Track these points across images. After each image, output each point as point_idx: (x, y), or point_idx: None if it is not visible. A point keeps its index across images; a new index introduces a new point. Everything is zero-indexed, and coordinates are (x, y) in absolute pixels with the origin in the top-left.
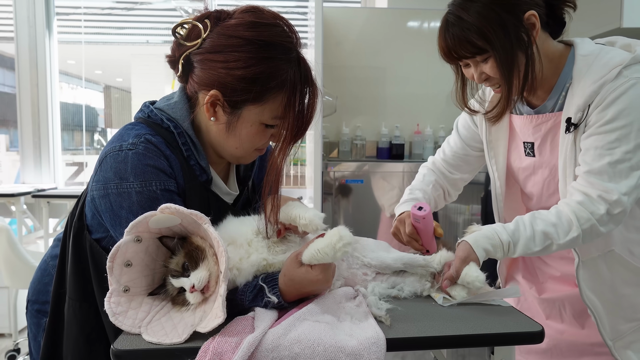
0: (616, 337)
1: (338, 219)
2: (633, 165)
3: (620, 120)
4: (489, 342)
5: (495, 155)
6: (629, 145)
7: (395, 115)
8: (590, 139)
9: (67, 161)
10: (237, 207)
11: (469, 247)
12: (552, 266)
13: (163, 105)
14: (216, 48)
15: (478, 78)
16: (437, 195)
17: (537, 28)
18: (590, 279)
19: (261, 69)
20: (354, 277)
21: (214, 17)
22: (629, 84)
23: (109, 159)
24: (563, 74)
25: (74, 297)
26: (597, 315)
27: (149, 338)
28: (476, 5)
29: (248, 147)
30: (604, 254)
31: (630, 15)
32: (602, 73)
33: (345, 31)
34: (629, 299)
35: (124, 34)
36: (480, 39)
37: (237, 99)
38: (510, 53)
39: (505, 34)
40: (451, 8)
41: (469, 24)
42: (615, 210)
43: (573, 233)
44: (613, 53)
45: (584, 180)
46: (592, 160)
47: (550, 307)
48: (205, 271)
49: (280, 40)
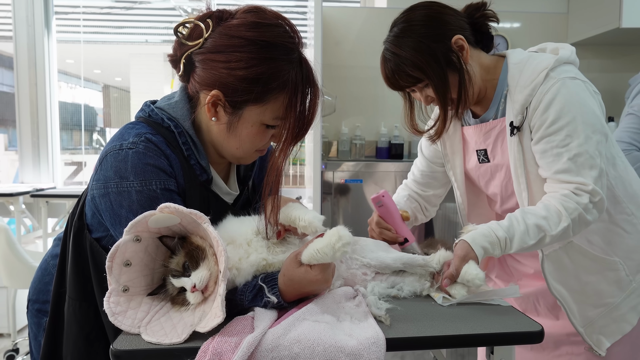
0: (586, 324)
1: (337, 218)
2: (591, 155)
3: (563, 119)
4: (489, 342)
5: (452, 167)
6: (579, 139)
7: (395, 115)
8: (542, 142)
9: (66, 161)
10: (237, 207)
11: (468, 245)
12: (525, 264)
13: (164, 105)
14: (218, 48)
15: (425, 100)
16: (414, 207)
17: (466, 49)
18: (555, 271)
19: (263, 70)
20: (354, 277)
21: (216, 17)
22: (559, 84)
23: (109, 158)
24: (499, 82)
25: (73, 296)
26: (566, 305)
27: (149, 338)
28: (408, 40)
29: (249, 148)
30: (565, 245)
31: (629, 15)
32: (532, 77)
33: (344, 31)
34: (593, 285)
35: (123, 33)
36: (415, 70)
37: (239, 99)
38: (443, 78)
39: (437, 62)
40: (387, 45)
41: (403, 58)
42: (596, 198)
43: (563, 223)
44: (540, 58)
45: (554, 180)
46: (553, 161)
47: (526, 302)
48: (206, 271)
49: (282, 40)
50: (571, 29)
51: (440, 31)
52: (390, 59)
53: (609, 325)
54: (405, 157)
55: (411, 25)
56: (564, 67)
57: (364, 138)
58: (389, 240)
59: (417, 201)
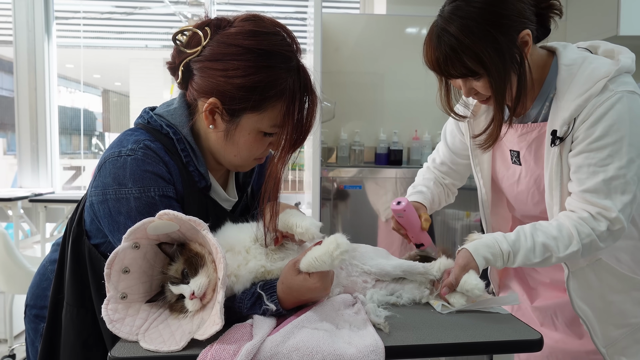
0: (609, 344)
1: (336, 224)
2: (628, 181)
3: (610, 137)
4: (488, 350)
5: (480, 163)
6: (621, 161)
7: (394, 121)
8: (581, 156)
9: (65, 165)
10: (236, 214)
11: (469, 254)
12: (541, 273)
13: (163, 112)
14: (216, 56)
15: (467, 92)
16: (439, 192)
17: (529, 46)
18: (580, 288)
19: (260, 78)
20: (354, 285)
21: (214, 25)
22: (615, 98)
23: (107, 165)
24: (546, 83)
25: (71, 302)
26: (588, 323)
27: (147, 345)
28: (468, 22)
29: (246, 156)
30: (592, 263)
31: (627, 23)
32: (587, 86)
33: (344, 37)
34: (618, 305)
35: (122, 38)
36: (474, 62)
37: (236, 107)
38: (503, 75)
39: (501, 57)
40: (440, 21)
41: (462, 44)
42: (615, 227)
43: (573, 247)
44: (597, 63)
45: (580, 198)
46: (587, 178)
47: (543, 315)
48: (204, 278)
49: (279, 49)
50: (569, 37)
51: (509, 21)
52: (445, 40)
53: (632, 346)
54: (404, 163)
55: (477, 3)
56: (624, 77)
57: (363, 144)
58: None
59: (441, 185)
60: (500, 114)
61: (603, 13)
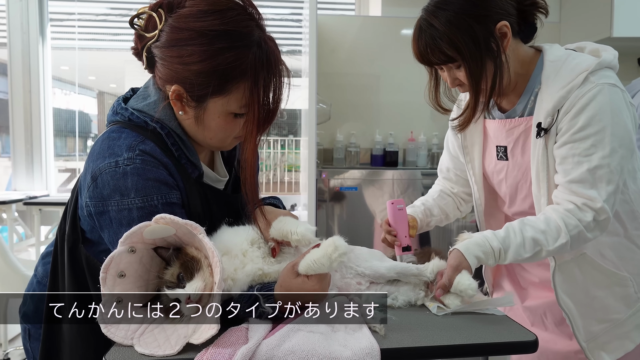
0: (590, 339)
1: (332, 225)
2: (612, 170)
3: (592, 127)
4: (484, 352)
5: (471, 160)
6: (604, 151)
7: (389, 123)
8: (565, 147)
9: (60, 167)
10: (229, 190)
11: (461, 255)
12: (530, 272)
13: (142, 106)
14: (170, 42)
15: (451, 83)
16: (445, 204)
17: (508, 37)
18: (564, 282)
19: (217, 62)
20: (348, 286)
21: (166, 6)
22: (597, 89)
23: (105, 176)
24: (532, 79)
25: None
26: (572, 318)
27: (142, 350)
28: (447, 13)
29: (222, 137)
30: (577, 257)
31: (621, 25)
32: (570, 78)
33: (339, 39)
34: (601, 300)
35: (117, 40)
36: (450, 48)
37: (200, 93)
38: (479, 63)
39: (476, 44)
40: (424, 14)
41: (440, 32)
42: (601, 217)
43: (562, 239)
44: (580, 59)
45: (566, 189)
46: (572, 169)
47: (534, 315)
48: (200, 282)
49: (234, 26)
50: (563, 38)
51: (486, 12)
52: (425, 30)
53: (612, 342)
54: (400, 165)
55: None
56: (605, 71)
57: (359, 145)
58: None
59: (450, 196)
60: (474, 99)
61: (597, 15)
